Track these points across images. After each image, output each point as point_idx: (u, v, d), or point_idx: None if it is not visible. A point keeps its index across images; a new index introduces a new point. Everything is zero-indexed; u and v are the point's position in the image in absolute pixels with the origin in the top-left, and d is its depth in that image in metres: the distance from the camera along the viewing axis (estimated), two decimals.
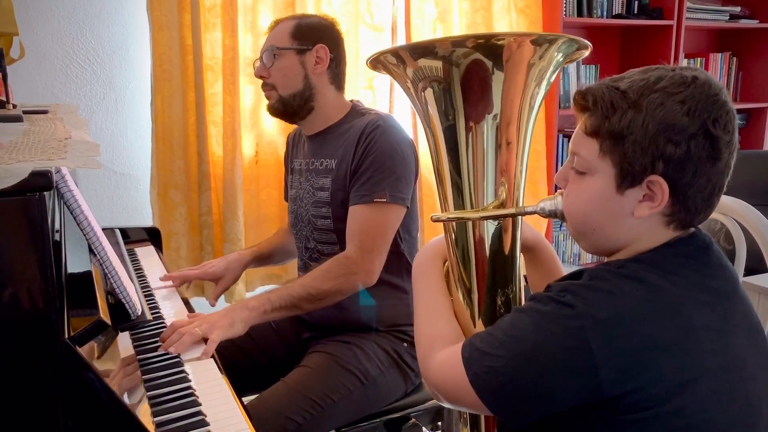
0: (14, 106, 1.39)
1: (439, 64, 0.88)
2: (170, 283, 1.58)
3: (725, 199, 0.83)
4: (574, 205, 0.84)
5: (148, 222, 2.32)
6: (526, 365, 0.76)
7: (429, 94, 0.92)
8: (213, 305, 1.61)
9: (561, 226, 3.15)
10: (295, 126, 1.69)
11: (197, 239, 2.39)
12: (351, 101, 1.61)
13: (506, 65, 0.87)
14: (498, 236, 0.95)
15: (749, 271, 1.43)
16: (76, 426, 0.79)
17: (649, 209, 0.78)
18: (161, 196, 2.32)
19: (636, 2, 3.09)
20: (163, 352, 1.15)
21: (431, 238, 1.05)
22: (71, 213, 1.04)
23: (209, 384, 1.09)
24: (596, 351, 0.72)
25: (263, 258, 1.75)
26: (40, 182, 0.75)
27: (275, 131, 2.46)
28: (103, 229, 1.25)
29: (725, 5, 3.30)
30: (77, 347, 0.80)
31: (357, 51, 2.52)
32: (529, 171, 2.74)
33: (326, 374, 1.42)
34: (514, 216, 0.93)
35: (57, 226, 0.99)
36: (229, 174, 2.35)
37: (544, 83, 0.92)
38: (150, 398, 0.99)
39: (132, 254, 1.76)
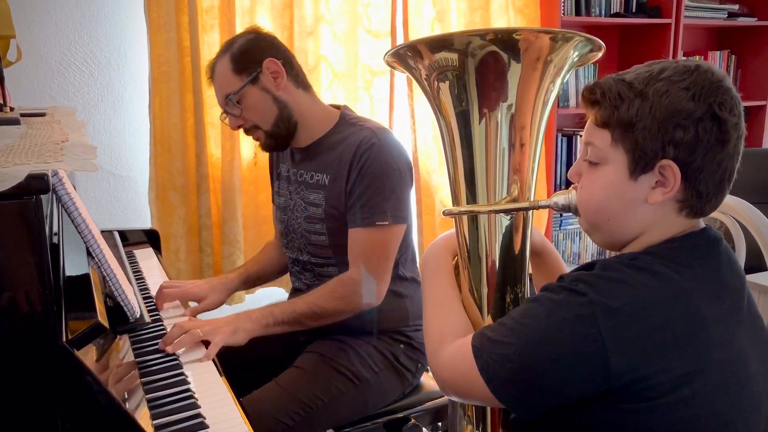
0: (11, 109, 1.39)
1: (455, 55, 0.89)
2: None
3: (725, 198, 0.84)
4: (588, 195, 0.85)
5: (146, 224, 2.32)
6: (537, 352, 0.76)
7: (444, 83, 0.92)
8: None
9: (561, 225, 3.15)
10: None
11: (196, 241, 2.39)
12: (339, 109, 1.54)
13: (523, 59, 0.89)
14: (509, 234, 0.95)
15: (749, 269, 1.43)
16: (74, 429, 0.79)
17: (662, 195, 0.79)
18: (160, 198, 2.32)
19: (634, 1, 3.10)
20: (161, 355, 1.15)
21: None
22: (69, 216, 1.03)
23: (209, 386, 1.09)
24: (607, 338, 0.73)
25: (251, 280, 1.68)
26: (37, 185, 0.75)
27: None
28: (101, 232, 1.24)
29: (723, 3, 3.30)
30: (75, 350, 0.79)
31: (356, 53, 2.52)
32: None
33: (317, 375, 1.41)
34: (527, 209, 0.94)
35: (55, 229, 0.98)
36: (227, 176, 2.35)
37: (558, 81, 0.92)
38: (149, 401, 0.99)
39: (131, 257, 1.76)
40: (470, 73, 0.89)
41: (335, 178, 1.44)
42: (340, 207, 1.44)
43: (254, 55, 1.43)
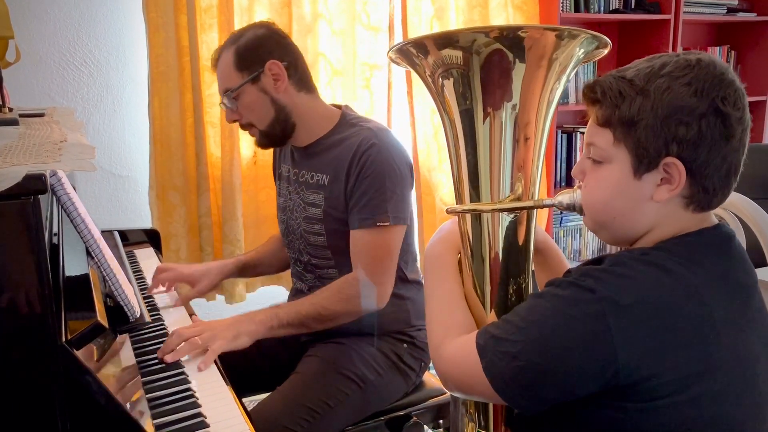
0: (10, 110, 1.39)
1: (460, 52, 0.88)
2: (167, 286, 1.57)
3: None
4: (593, 194, 0.84)
5: (147, 224, 2.32)
6: (544, 349, 0.75)
7: (448, 81, 0.92)
8: (179, 305, 1.50)
9: (561, 222, 3.15)
10: None
11: (196, 241, 2.39)
12: (340, 108, 1.53)
13: (528, 57, 0.88)
14: (513, 230, 0.94)
15: None
16: (74, 429, 0.79)
17: (668, 192, 0.78)
18: (160, 197, 2.32)
19: None
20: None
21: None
22: (68, 216, 1.03)
23: (210, 385, 1.09)
24: (616, 335, 0.72)
25: (249, 267, 1.68)
26: (35, 186, 0.75)
27: None
28: (102, 232, 1.25)
29: None
30: (74, 350, 0.79)
31: (354, 50, 2.51)
32: None
33: (322, 380, 1.40)
34: (531, 208, 0.93)
35: (55, 229, 0.99)
36: (227, 175, 2.35)
37: (563, 79, 0.92)
38: (149, 400, 0.99)
39: (131, 256, 1.76)
40: (475, 70, 0.89)
41: (335, 179, 1.43)
42: (339, 208, 1.43)
43: (259, 54, 1.40)
